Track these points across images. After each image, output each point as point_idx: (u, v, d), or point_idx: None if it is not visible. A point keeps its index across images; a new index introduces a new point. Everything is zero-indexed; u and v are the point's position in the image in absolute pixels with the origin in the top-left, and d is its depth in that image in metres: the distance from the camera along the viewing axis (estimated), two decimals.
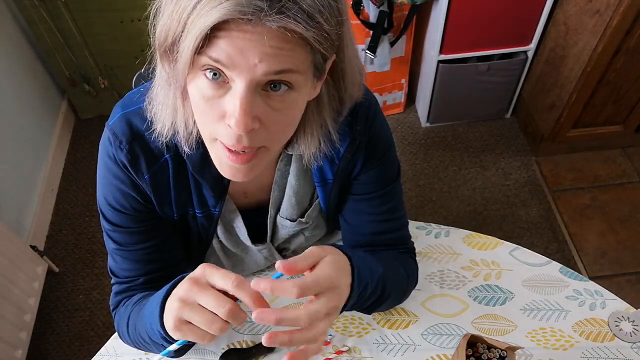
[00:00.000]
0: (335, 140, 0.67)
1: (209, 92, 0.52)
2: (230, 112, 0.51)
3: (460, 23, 1.81)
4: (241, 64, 0.48)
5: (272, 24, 0.46)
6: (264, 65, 0.48)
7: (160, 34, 0.52)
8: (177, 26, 0.49)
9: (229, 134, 0.53)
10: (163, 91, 0.60)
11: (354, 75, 0.63)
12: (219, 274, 0.56)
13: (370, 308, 0.77)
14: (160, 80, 0.59)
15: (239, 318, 0.55)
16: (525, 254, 0.95)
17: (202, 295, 0.55)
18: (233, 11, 0.45)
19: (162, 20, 0.51)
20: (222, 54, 0.48)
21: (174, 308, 0.57)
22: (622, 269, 1.81)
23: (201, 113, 0.54)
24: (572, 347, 0.84)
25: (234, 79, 0.50)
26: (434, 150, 2.18)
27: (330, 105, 0.64)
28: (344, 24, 0.54)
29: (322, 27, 0.49)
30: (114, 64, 2.16)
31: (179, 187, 0.71)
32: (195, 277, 0.57)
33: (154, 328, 0.63)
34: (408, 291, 0.85)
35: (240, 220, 0.79)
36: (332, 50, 0.53)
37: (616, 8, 1.53)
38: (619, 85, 1.80)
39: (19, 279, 1.55)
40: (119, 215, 0.71)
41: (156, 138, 0.63)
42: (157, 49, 0.54)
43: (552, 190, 2.03)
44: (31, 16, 1.92)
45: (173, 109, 0.60)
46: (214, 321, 0.55)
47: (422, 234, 0.98)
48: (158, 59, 0.56)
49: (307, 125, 0.64)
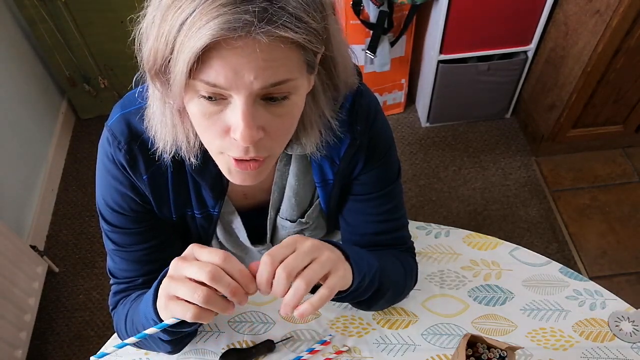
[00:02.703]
0: (335, 128, 0.67)
1: (209, 109, 0.52)
2: (235, 127, 0.51)
3: (460, 23, 1.81)
4: (237, 84, 0.48)
5: (262, 36, 0.45)
6: (260, 80, 0.48)
7: (148, 58, 0.51)
8: (164, 48, 0.48)
9: (236, 147, 0.53)
10: (159, 110, 0.59)
11: (345, 61, 0.63)
12: (206, 250, 0.56)
13: (370, 302, 0.76)
14: (155, 100, 0.59)
15: (223, 282, 0.54)
16: (525, 254, 0.95)
17: (186, 267, 0.55)
18: (222, 30, 0.44)
19: (148, 44, 0.50)
20: (217, 78, 0.48)
21: (163, 287, 0.57)
22: (622, 269, 1.81)
23: (205, 129, 0.54)
24: (572, 347, 0.84)
25: (233, 95, 0.50)
26: (434, 150, 2.18)
27: (326, 94, 0.64)
28: (329, 16, 0.54)
29: (310, 26, 0.49)
30: (114, 64, 2.16)
31: (178, 188, 0.71)
32: (183, 255, 0.57)
33: (149, 317, 0.63)
34: (407, 288, 0.84)
35: (239, 221, 0.79)
36: (321, 45, 0.53)
37: (616, 8, 1.53)
38: (619, 85, 1.80)
39: (19, 279, 1.55)
40: (118, 216, 0.71)
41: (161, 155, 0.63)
42: (147, 71, 0.53)
43: (552, 190, 2.03)
44: (31, 16, 1.92)
45: (172, 125, 0.59)
46: (196, 289, 0.54)
47: (422, 234, 0.98)
48: (149, 79, 0.55)
49: (306, 119, 0.63)
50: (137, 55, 0.53)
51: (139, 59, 0.53)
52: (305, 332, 0.87)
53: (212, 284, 0.53)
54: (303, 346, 0.85)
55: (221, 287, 0.54)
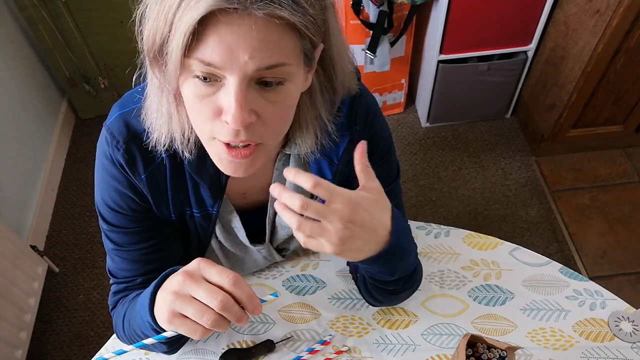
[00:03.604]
0: (332, 132, 0.67)
1: (203, 91, 0.52)
2: (226, 108, 0.51)
3: (460, 23, 1.81)
4: (232, 63, 0.48)
5: (258, 12, 0.46)
6: (254, 61, 0.48)
7: (148, 39, 0.52)
8: (164, 27, 0.49)
9: (227, 130, 0.53)
10: (156, 99, 0.59)
11: (344, 63, 0.63)
12: (215, 269, 0.55)
13: (393, 285, 0.74)
14: (153, 88, 0.59)
15: (232, 311, 0.54)
16: (525, 254, 0.95)
17: (195, 288, 0.55)
18: (219, 1, 0.45)
19: (148, 25, 0.51)
20: (212, 56, 0.48)
21: (167, 301, 0.57)
22: (622, 269, 1.81)
23: (196, 112, 0.54)
24: (572, 347, 0.84)
25: (226, 76, 0.50)
26: (434, 150, 2.18)
27: (323, 96, 0.64)
28: (328, 10, 0.54)
29: (307, 12, 0.49)
30: (114, 64, 2.16)
31: (176, 187, 0.71)
32: (189, 271, 0.56)
33: (145, 319, 0.63)
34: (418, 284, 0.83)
35: (239, 221, 0.79)
36: (319, 37, 0.54)
37: (616, 8, 1.53)
38: (619, 85, 1.80)
39: (19, 279, 1.55)
40: (117, 216, 0.71)
41: (154, 147, 0.63)
42: (146, 55, 0.54)
43: (552, 190, 2.03)
44: (31, 16, 1.92)
45: (168, 116, 0.60)
46: (205, 312, 0.54)
47: (422, 234, 0.98)
48: (148, 66, 0.55)
49: (302, 119, 0.64)
50: (138, 39, 0.54)
51: (139, 42, 0.54)
52: (305, 332, 0.87)
53: (222, 313, 0.54)
54: (303, 346, 0.85)
55: (230, 316, 0.55)
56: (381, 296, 0.81)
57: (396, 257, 0.64)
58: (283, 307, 0.90)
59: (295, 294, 0.91)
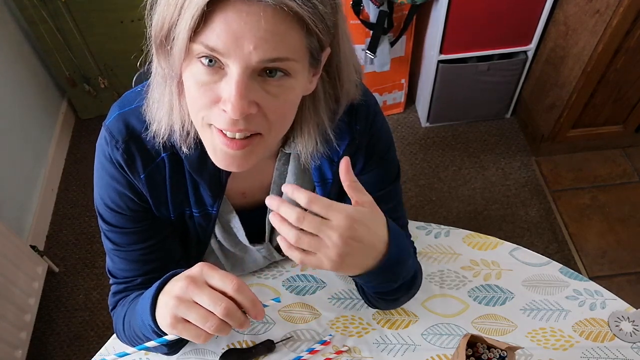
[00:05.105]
0: (332, 140, 0.67)
1: (204, 78, 0.52)
2: (226, 97, 0.51)
3: (460, 23, 1.81)
4: (236, 52, 0.48)
5: (268, 0, 0.46)
6: (259, 52, 0.48)
7: (156, 24, 0.52)
8: (173, 11, 0.49)
9: (224, 117, 0.53)
10: (159, 88, 0.60)
11: (350, 72, 0.63)
12: (218, 275, 0.55)
13: (396, 293, 0.75)
14: (157, 77, 0.59)
15: (235, 317, 0.54)
16: (525, 254, 0.95)
17: (198, 293, 0.55)
18: None
19: (158, 10, 0.52)
20: (217, 42, 0.48)
21: (170, 305, 0.57)
22: (622, 269, 1.81)
23: (195, 99, 0.54)
24: (572, 347, 0.84)
25: (229, 64, 0.50)
26: (434, 150, 2.18)
27: (327, 104, 0.64)
28: (339, 12, 0.54)
29: (317, 7, 0.49)
30: (114, 64, 2.16)
31: (176, 187, 0.71)
32: (192, 276, 0.56)
33: (145, 322, 0.63)
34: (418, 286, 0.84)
35: (238, 221, 0.79)
36: (327, 37, 0.53)
37: (616, 8, 1.53)
38: (619, 85, 1.80)
39: (19, 279, 1.55)
40: (116, 216, 0.71)
41: (153, 139, 0.63)
42: (153, 42, 0.54)
43: (552, 190, 2.03)
44: (31, 16, 1.92)
45: (169, 107, 0.60)
46: (208, 318, 0.54)
47: (422, 234, 0.98)
48: (154, 54, 0.56)
49: (303, 124, 0.63)
50: (147, 25, 0.54)
51: (148, 29, 0.54)
52: (305, 332, 0.87)
53: (225, 319, 0.54)
54: (303, 346, 0.85)
55: (233, 322, 0.55)
56: (381, 304, 0.82)
57: (397, 265, 0.64)
58: (283, 307, 0.89)
59: (295, 294, 0.91)
